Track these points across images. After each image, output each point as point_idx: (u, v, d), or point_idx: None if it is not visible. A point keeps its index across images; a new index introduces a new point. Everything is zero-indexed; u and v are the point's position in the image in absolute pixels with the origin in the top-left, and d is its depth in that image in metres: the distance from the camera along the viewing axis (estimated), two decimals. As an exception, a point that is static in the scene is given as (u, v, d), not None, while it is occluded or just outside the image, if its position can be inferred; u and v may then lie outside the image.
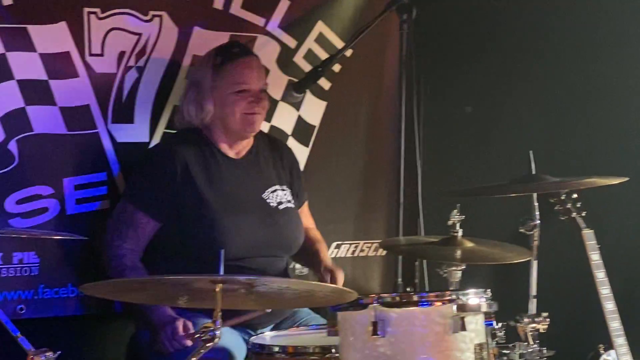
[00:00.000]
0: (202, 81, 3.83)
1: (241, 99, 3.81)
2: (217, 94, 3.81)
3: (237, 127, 3.84)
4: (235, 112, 3.81)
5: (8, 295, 3.85)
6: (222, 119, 3.84)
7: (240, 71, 3.82)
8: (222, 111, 3.82)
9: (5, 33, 3.79)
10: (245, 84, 3.81)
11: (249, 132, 3.88)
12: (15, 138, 3.86)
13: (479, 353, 3.19)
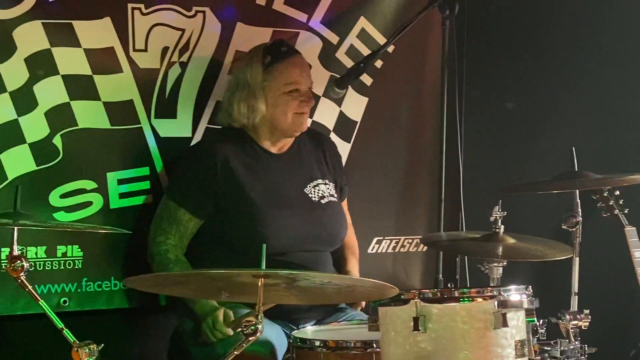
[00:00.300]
0: (252, 81, 3.82)
1: (293, 99, 3.81)
2: (269, 94, 3.81)
3: (286, 127, 3.85)
4: (287, 112, 3.81)
5: (52, 288, 3.88)
6: (271, 118, 3.84)
7: (291, 71, 3.81)
8: (273, 111, 3.83)
9: (50, 28, 3.82)
10: (297, 84, 3.82)
11: (298, 131, 3.89)
12: (59, 133, 3.89)
13: (520, 349, 3.18)
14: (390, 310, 3.18)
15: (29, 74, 3.82)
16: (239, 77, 3.90)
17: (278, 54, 3.82)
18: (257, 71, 3.82)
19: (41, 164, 3.87)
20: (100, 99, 3.95)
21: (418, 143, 4.56)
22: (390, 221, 4.53)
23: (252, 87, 3.83)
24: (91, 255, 3.97)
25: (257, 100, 3.81)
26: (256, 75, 3.82)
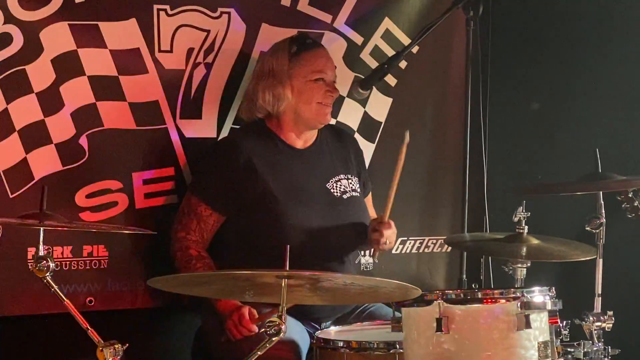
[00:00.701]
0: (278, 69, 3.83)
1: (318, 87, 3.83)
2: (294, 82, 3.83)
3: (309, 116, 3.86)
4: (312, 101, 3.83)
5: (78, 287, 3.90)
6: (296, 107, 3.85)
7: (316, 60, 3.84)
8: (298, 99, 3.84)
9: (76, 29, 3.83)
10: (322, 73, 3.84)
11: (321, 122, 3.90)
12: (85, 133, 3.90)
13: (544, 351, 3.18)
14: (413, 311, 3.19)
15: (56, 75, 3.83)
16: (264, 66, 3.90)
17: (304, 44, 3.86)
18: (284, 59, 3.83)
19: (67, 164, 3.88)
20: (125, 100, 3.96)
21: (442, 144, 4.56)
22: (414, 222, 4.53)
23: (278, 75, 3.84)
24: (116, 255, 3.99)
25: (283, 88, 3.82)
26: (282, 63, 3.83)
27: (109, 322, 2.91)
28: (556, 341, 3.26)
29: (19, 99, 3.78)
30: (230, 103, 4.15)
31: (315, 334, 3.56)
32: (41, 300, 3.71)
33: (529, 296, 3.18)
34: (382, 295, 3.34)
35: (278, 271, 2.86)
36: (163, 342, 3.88)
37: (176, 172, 4.08)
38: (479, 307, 3.15)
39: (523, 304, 3.16)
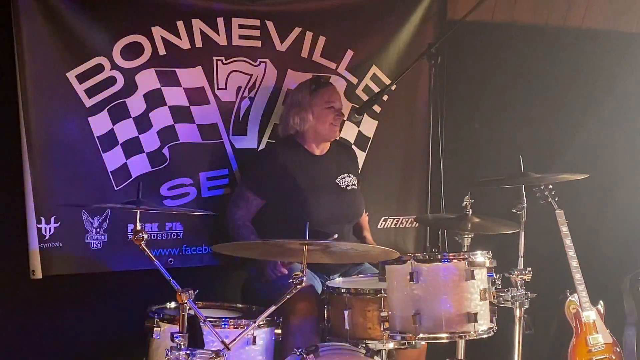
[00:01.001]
0: (303, 100, 3.84)
1: (330, 112, 3.84)
2: (314, 109, 3.83)
3: (324, 133, 3.87)
4: (326, 122, 3.84)
5: (162, 251, 3.92)
6: (315, 126, 3.85)
7: (329, 93, 3.86)
8: (317, 121, 3.84)
9: (160, 74, 3.85)
10: (332, 103, 3.85)
11: (332, 137, 3.92)
12: (167, 145, 3.91)
13: (483, 295, 3.19)
14: (393, 268, 3.20)
15: (146, 105, 3.84)
16: (293, 99, 3.92)
17: (319, 83, 3.87)
18: (306, 94, 3.85)
19: (154, 166, 3.90)
20: (194, 122, 3.96)
21: (412, 151, 4.52)
22: (392, 205, 4.50)
23: (303, 104, 3.84)
24: (189, 229, 3.99)
25: (306, 113, 3.83)
26: (305, 96, 3.85)
27: (183, 276, 2.90)
28: (492, 288, 3.26)
29: (121, 122, 3.80)
30: (266, 124, 4.14)
31: (325, 283, 3.57)
32: (138, 260, 3.73)
33: (473, 257, 3.19)
34: (372, 257, 3.37)
35: (300, 240, 2.89)
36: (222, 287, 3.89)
37: (229, 172, 4.07)
38: (439, 265, 3.16)
39: (469, 263, 3.17)
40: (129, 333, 3.42)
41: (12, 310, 3.73)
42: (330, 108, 3.84)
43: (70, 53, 3.65)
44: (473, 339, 3.16)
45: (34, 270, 3.66)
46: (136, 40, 3.78)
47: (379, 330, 3.23)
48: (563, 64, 4.72)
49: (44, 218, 3.65)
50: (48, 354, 3.79)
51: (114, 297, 3.85)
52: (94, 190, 3.74)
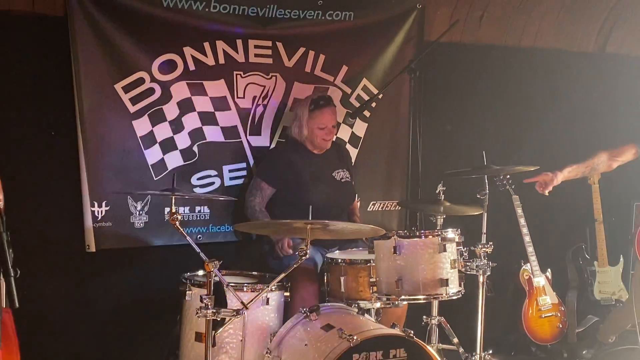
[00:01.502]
0: (302, 118, 3.82)
1: (321, 132, 3.81)
2: (310, 126, 3.81)
3: (317, 144, 3.86)
4: (318, 138, 3.82)
5: (193, 229, 3.92)
6: (310, 138, 3.84)
7: (322, 117, 3.79)
8: (311, 135, 3.83)
9: (191, 85, 3.84)
10: (325, 125, 3.81)
11: (324, 147, 3.89)
12: (197, 143, 3.91)
13: (453, 264, 3.21)
14: (381, 242, 3.21)
15: (179, 111, 3.84)
16: (297, 113, 3.90)
17: (317, 105, 3.81)
18: (305, 112, 3.81)
19: (186, 161, 3.89)
20: (219, 125, 3.95)
21: (396, 147, 4.49)
22: (379, 192, 4.47)
23: (302, 121, 3.83)
24: (214, 212, 3.98)
25: (304, 128, 3.82)
26: (305, 114, 3.82)
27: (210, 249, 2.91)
28: (460, 259, 3.28)
29: (159, 125, 3.80)
30: (277, 127, 4.12)
31: (325, 255, 3.58)
32: (173, 237, 3.76)
33: (445, 234, 3.21)
34: (363, 234, 3.37)
35: (305, 221, 2.90)
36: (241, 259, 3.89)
37: (247, 166, 4.06)
38: (417, 240, 3.18)
39: (442, 238, 3.19)
40: (166, 296, 3.44)
41: (71, 277, 3.76)
42: (322, 129, 3.81)
43: (117, 68, 3.66)
44: (445, 299, 3.19)
45: (88, 245, 3.67)
46: (171, 58, 3.77)
47: (369, 292, 3.25)
48: (519, 77, 4.71)
49: (97, 202, 3.66)
50: (100, 315, 3.81)
51: (153, 267, 3.86)
52: (137, 180, 3.74)
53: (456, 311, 3.71)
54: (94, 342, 3.81)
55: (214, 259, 2.78)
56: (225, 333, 3.08)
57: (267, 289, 3.07)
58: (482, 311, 3.35)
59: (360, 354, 2.78)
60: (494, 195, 3.66)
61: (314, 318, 3.06)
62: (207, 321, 2.79)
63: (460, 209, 3.60)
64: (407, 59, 4.22)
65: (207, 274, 2.80)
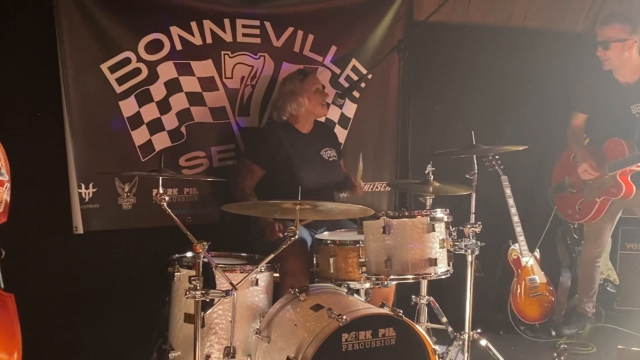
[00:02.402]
0: (295, 89, 3.82)
1: (319, 94, 3.85)
2: (307, 94, 3.82)
3: (316, 112, 3.87)
4: (318, 102, 3.85)
5: (182, 211, 3.92)
6: (309, 107, 3.83)
7: (313, 79, 3.85)
8: (310, 102, 3.83)
9: (178, 65, 3.82)
10: (319, 85, 3.85)
11: (322, 114, 3.94)
12: (184, 124, 3.89)
13: (442, 244, 3.21)
14: (370, 223, 3.21)
15: (166, 91, 3.82)
16: (285, 90, 3.88)
17: (304, 73, 3.86)
18: (297, 83, 3.83)
19: (174, 142, 3.88)
20: (206, 105, 3.94)
21: (385, 128, 4.50)
22: (369, 173, 4.47)
23: (296, 92, 3.82)
24: (203, 193, 3.99)
25: (302, 98, 3.82)
26: (297, 85, 3.83)
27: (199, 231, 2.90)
28: (449, 238, 3.28)
29: (146, 105, 3.79)
30: (265, 107, 4.11)
31: (314, 236, 3.58)
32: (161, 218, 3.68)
33: (434, 214, 3.21)
34: (352, 214, 3.35)
35: (294, 201, 2.89)
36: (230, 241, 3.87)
37: (236, 147, 4.05)
38: (406, 220, 3.18)
39: (431, 218, 3.19)
40: (155, 277, 3.43)
41: (59, 259, 3.74)
42: (318, 91, 3.84)
43: (103, 48, 3.63)
44: (434, 279, 3.20)
45: (76, 226, 3.67)
46: (157, 38, 3.75)
47: (358, 273, 3.25)
48: (508, 57, 4.71)
49: (84, 184, 3.65)
50: (88, 296, 3.80)
51: (142, 248, 3.85)
52: (125, 161, 3.73)
53: (445, 291, 3.72)
54: (83, 323, 3.80)
55: (202, 241, 2.77)
56: (215, 314, 3.09)
57: (256, 269, 3.07)
58: (470, 291, 3.35)
59: (349, 334, 2.79)
60: (483, 175, 3.65)
61: (303, 298, 3.07)
62: (196, 302, 2.79)
63: (449, 189, 3.59)
64: (396, 39, 4.21)
65: (195, 255, 2.79)
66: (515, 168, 4.29)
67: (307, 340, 2.78)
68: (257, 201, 3.64)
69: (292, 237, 2.88)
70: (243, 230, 3.97)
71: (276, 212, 3.13)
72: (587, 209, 4.16)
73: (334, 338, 2.75)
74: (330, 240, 3.36)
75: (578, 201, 4.22)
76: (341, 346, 2.78)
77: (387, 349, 2.84)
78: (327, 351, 2.73)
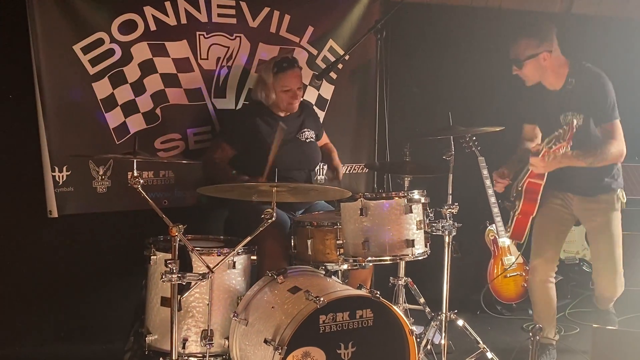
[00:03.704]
0: (267, 81, 3.76)
1: (286, 95, 3.76)
2: (275, 89, 3.76)
3: (283, 108, 3.81)
4: (284, 101, 3.77)
5: (158, 194, 3.88)
6: (276, 101, 3.79)
7: (286, 79, 3.73)
8: (277, 98, 3.78)
9: (152, 46, 3.77)
10: (289, 87, 3.75)
11: (291, 110, 3.83)
12: (159, 106, 3.85)
13: (419, 225, 3.22)
14: (347, 204, 3.21)
15: (141, 73, 3.77)
16: (261, 77, 3.83)
17: (280, 67, 3.74)
18: (269, 76, 3.75)
19: (149, 124, 3.84)
20: (182, 87, 3.89)
21: (363, 110, 4.49)
22: (347, 154, 4.48)
23: (267, 84, 3.77)
24: (179, 176, 3.95)
25: (270, 91, 3.77)
26: (269, 78, 3.76)
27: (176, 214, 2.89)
28: (426, 219, 3.29)
29: (120, 87, 3.73)
30: (242, 88, 4.07)
31: (292, 218, 3.58)
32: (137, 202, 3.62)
33: (411, 195, 3.21)
34: (329, 195, 3.36)
35: (271, 183, 2.88)
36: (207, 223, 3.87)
37: (212, 129, 4.02)
38: (383, 202, 3.18)
39: (408, 199, 3.19)
40: (131, 261, 3.41)
41: (34, 243, 3.71)
42: (287, 92, 3.76)
43: (75, 29, 3.57)
44: (411, 260, 3.21)
45: (50, 210, 3.62)
46: (131, 18, 3.69)
47: (336, 255, 3.25)
48: (485, 38, 4.71)
49: (57, 167, 3.60)
50: (64, 280, 3.78)
51: (118, 232, 3.83)
52: (99, 144, 3.68)
53: (423, 272, 3.75)
54: (58, 308, 3.79)
55: (178, 224, 2.75)
56: (192, 297, 3.08)
57: (233, 252, 3.06)
58: (447, 271, 3.37)
59: (327, 315, 2.79)
60: (460, 156, 3.66)
61: (280, 281, 3.07)
62: (172, 286, 2.78)
63: (427, 170, 3.60)
64: (373, 20, 4.17)
65: (172, 239, 2.76)
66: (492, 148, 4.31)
67: (284, 322, 2.79)
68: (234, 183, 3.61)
69: (270, 219, 2.87)
70: (219, 212, 3.95)
71: (253, 194, 3.12)
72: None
73: (311, 320, 2.76)
74: (307, 222, 3.35)
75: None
76: (319, 328, 2.79)
77: (364, 330, 2.86)
78: (304, 333, 2.74)
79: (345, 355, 2.83)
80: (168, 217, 2.79)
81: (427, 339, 3.46)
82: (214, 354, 3.10)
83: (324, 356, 2.79)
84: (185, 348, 3.07)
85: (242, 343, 2.98)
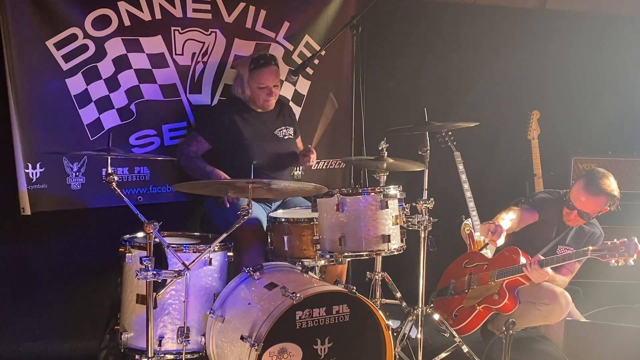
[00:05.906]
0: (244, 77, 3.76)
1: (262, 92, 3.76)
2: (251, 86, 3.76)
3: (259, 105, 3.81)
4: (259, 98, 3.77)
5: (133, 191, 3.87)
6: (252, 98, 3.79)
7: (262, 76, 3.74)
8: (252, 95, 3.78)
9: (126, 42, 3.74)
10: (265, 84, 3.75)
11: (267, 107, 3.83)
12: (134, 102, 3.82)
13: (395, 220, 3.24)
14: (323, 200, 3.22)
15: (115, 68, 3.74)
16: (238, 72, 3.84)
17: (257, 64, 3.75)
18: (246, 72, 3.76)
19: (124, 120, 3.81)
20: (157, 83, 3.87)
21: (340, 106, 4.49)
22: (324, 150, 4.49)
23: (243, 80, 3.77)
24: (154, 172, 3.94)
25: (245, 88, 3.77)
26: (245, 74, 3.76)
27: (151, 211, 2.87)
28: (402, 215, 3.31)
29: (94, 83, 3.70)
30: (218, 84, 4.06)
31: (268, 214, 3.57)
32: (111, 199, 3.64)
33: (387, 190, 3.23)
34: (306, 192, 3.37)
35: (247, 180, 2.87)
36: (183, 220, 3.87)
37: (187, 125, 4.00)
38: (360, 197, 3.19)
39: (384, 195, 3.21)
40: (106, 258, 3.38)
41: (7, 241, 3.67)
42: (263, 89, 3.76)
43: (48, 24, 3.53)
44: (387, 255, 3.23)
45: (23, 207, 3.58)
46: (104, 13, 3.65)
47: (312, 250, 3.26)
48: (460, 33, 4.74)
49: (31, 164, 3.56)
50: (38, 279, 3.74)
51: (92, 229, 3.79)
52: (73, 140, 3.65)
53: (399, 266, 3.77)
54: (32, 306, 3.75)
55: (153, 220, 2.74)
56: (168, 294, 3.06)
57: (209, 249, 3.05)
58: (424, 266, 3.38)
59: (303, 311, 2.80)
60: (436, 151, 3.68)
61: (257, 277, 3.06)
62: (147, 283, 2.76)
63: (403, 165, 3.61)
64: (349, 15, 4.19)
65: (147, 236, 2.75)
66: (468, 144, 4.34)
67: (260, 318, 2.79)
68: (208, 180, 3.60)
69: (245, 215, 2.86)
70: (195, 208, 3.94)
71: (229, 190, 3.11)
72: (464, 315, 3.70)
73: (287, 316, 2.76)
74: (284, 219, 3.35)
75: (457, 307, 3.77)
76: (295, 324, 2.79)
77: (341, 325, 2.87)
78: (281, 329, 2.75)
79: (322, 350, 2.83)
80: (144, 213, 2.78)
81: (403, 333, 3.47)
82: (190, 351, 3.09)
83: (300, 352, 2.80)
84: (162, 345, 3.06)
85: (219, 340, 2.97)
